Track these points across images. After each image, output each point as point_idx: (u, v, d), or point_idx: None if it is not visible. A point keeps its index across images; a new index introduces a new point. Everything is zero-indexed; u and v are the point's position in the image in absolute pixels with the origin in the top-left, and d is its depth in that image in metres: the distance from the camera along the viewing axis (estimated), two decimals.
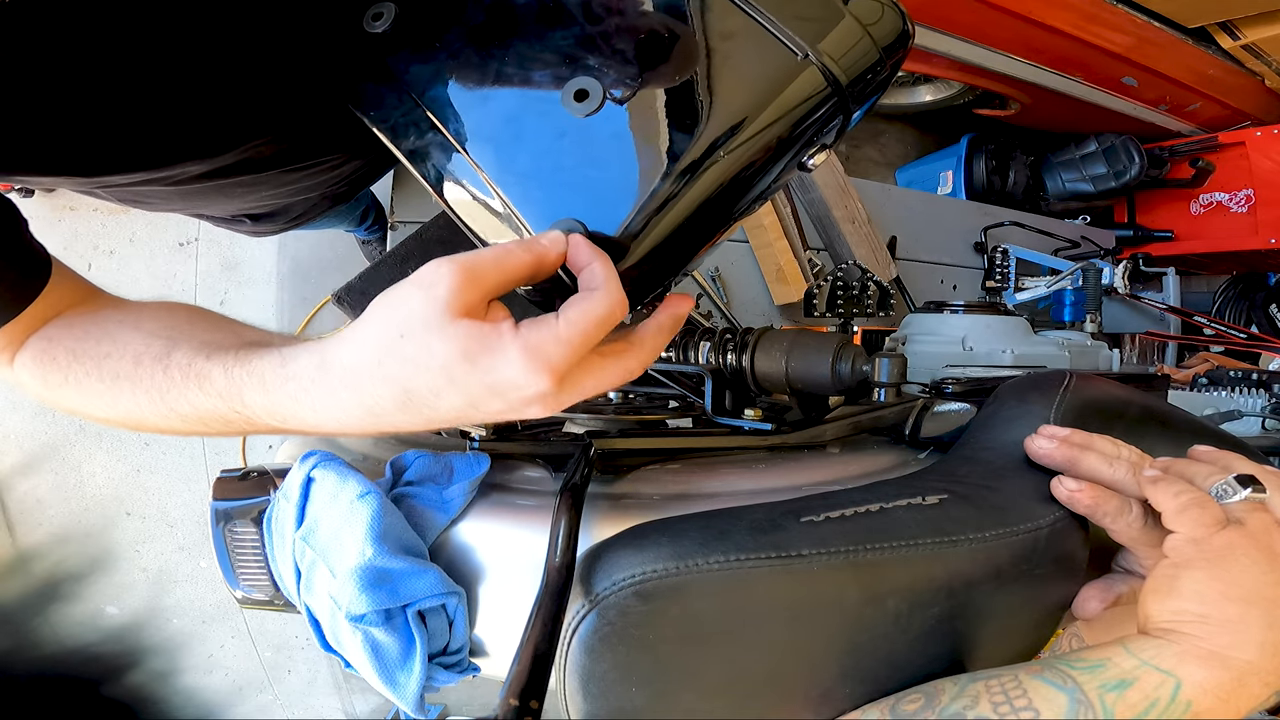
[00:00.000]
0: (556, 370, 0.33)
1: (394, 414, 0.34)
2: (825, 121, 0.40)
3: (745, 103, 0.37)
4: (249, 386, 0.37)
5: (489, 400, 0.33)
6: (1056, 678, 0.34)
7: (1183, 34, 1.79)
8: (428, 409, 0.34)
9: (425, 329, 0.32)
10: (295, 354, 0.36)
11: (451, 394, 0.33)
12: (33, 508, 1.79)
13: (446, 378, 0.32)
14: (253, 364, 0.37)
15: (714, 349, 0.58)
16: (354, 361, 0.34)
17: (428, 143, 0.41)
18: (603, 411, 0.57)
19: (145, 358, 0.40)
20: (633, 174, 0.37)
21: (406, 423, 0.35)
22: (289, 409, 0.36)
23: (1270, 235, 2.15)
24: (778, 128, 0.38)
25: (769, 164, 0.40)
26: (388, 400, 0.34)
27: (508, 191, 0.39)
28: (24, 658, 1.79)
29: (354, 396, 0.34)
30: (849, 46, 0.38)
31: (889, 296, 1.23)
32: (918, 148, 2.67)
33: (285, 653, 1.89)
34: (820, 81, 0.38)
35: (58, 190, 1.76)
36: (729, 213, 0.41)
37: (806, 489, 0.48)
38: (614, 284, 0.34)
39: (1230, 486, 0.37)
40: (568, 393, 0.34)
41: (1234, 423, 1.12)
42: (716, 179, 0.38)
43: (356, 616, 0.42)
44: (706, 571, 0.34)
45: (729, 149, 0.37)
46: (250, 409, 0.37)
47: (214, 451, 1.83)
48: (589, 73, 0.38)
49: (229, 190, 0.64)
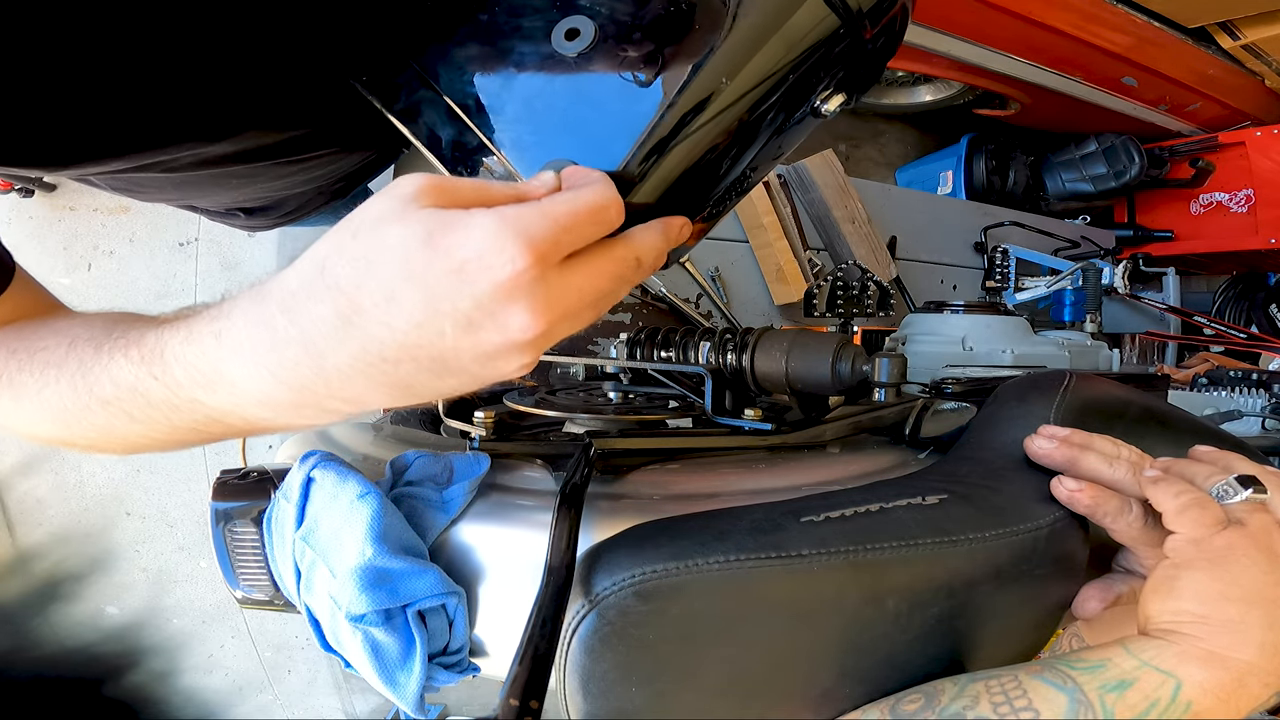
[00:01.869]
0: (535, 242, 0.27)
1: (336, 346, 0.27)
2: (837, 57, 0.38)
3: (747, 33, 0.35)
4: (175, 338, 0.31)
5: (455, 295, 0.26)
6: (1056, 678, 0.34)
7: (1183, 34, 1.79)
8: (378, 328, 0.27)
9: (380, 220, 0.27)
10: (236, 295, 0.30)
11: (408, 295, 0.26)
12: (33, 508, 1.79)
13: (403, 270, 0.26)
14: (191, 315, 0.31)
15: (714, 349, 0.58)
16: (295, 279, 0.28)
17: (418, 100, 0.40)
18: (603, 411, 0.57)
19: (81, 340, 0.35)
20: (630, 110, 0.35)
21: (351, 360, 0.28)
22: (211, 356, 0.30)
23: (1270, 235, 2.15)
24: (784, 56, 0.36)
25: (777, 99, 0.38)
26: (328, 322, 0.27)
27: (498, 140, 0.38)
28: (24, 658, 1.79)
29: (289, 323, 0.28)
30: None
31: (889, 296, 1.23)
32: (918, 148, 2.67)
33: (285, 653, 1.89)
34: (825, 9, 0.36)
35: (58, 190, 1.76)
36: (737, 154, 0.39)
37: (806, 489, 0.48)
38: (608, 182, 0.30)
39: (1231, 487, 0.37)
40: (557, 290, 0.28)
41: (1234, 423, 1.12)
42: (721, 115, 0.36)
43: (356, 616, 0.42)
44: (706, 571, 0.34)
45: (732, 80, 0.35)
46: (170, 368, 0.31)
47: (214, 451, 1.83)
48: (581, 11, 0.37)
49: (223, 181, 0.63)
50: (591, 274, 0.30)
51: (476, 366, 0.29)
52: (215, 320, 0.30)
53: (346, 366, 0.28)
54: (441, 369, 0.29)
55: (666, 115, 0.35)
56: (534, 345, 0.29)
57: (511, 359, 0.29)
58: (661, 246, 0.34)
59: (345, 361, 0.28)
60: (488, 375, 0.30)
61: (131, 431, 0.35)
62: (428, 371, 0.29)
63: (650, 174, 0.36)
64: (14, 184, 1.69)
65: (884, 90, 2.38)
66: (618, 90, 0.36)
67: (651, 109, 0.35)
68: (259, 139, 0.54)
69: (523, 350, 0.29)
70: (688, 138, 0.36)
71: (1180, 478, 0.38)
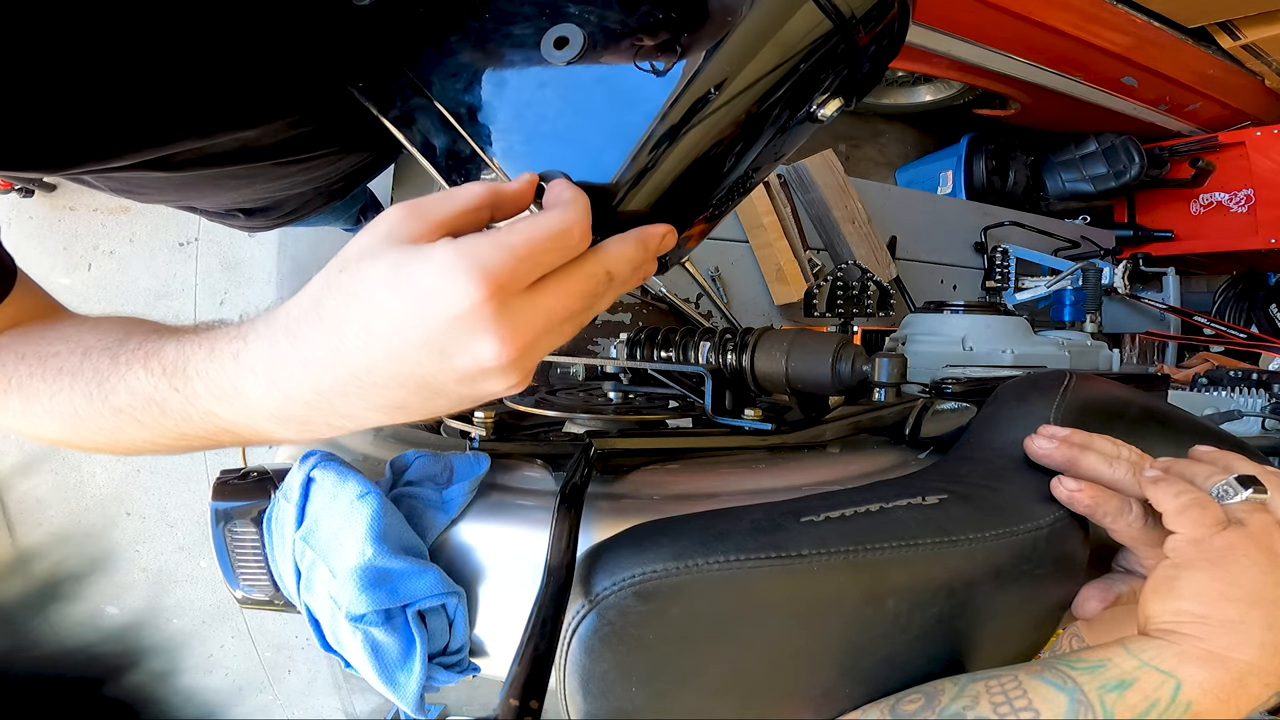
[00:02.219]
0: (491, 274, 0.27)
1: (330, 370, 0.30)
2: (832, 62, 0.38)
3: (740, 39, 0.35)
4: (197, 354, 0.33)
5: (421, 327, 0.28)
6: (1056, 678, 0.34)
7: (1183, 34, 1.79)
8: (361, 357, 0.29)
9: (360, 256, 0.29)
10: (255, 318, 0.33)
11: (381, 328, 0.29)
12: (33, 508, 1.79)
13: (374, 304, 0.29)
14: (211, 332, 0.34)
15: (714, 349, 0.58)
16: (297, 308, 0.31)
17: (413, 107, 0.40)
18: (603, 411, 0.57)
19: (95, 350, 0.36)
20: (622, 119, 0.35)
21: (344, 384, 0.30)
22: (230, 373, 0.32)
23: (1270, 235, 2.15)
24: (778, 62, 0.36)
25: (772, 104, 0.38)
26: (324, 347, 0.30)
27: (491, 149, 0.38)
28: (24, 657, 1.79)
29: (291, 348, 0.30)
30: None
31: (889, 296, 1.23)
32: (918, 148, 2.67)
33: (285, 653, 1.89)
34: (818, 15, 0.36)
35: (58, 190, 1.76)
36: (734, 160, 0.39)
37: (806, 489, 0.48)
38: (578, 204, 0.31)
39: (1231, 487, 0.37)
40: (523, 315, 0.29)
41: (1234, 423, 1.12)
42: (715, 121, 0.36)
43: (356, 616, 0.42)
44: (706, 571, 0.34)
45: (724, 89, 0.35)
46: (191, 382, 0.33)
47: (214, 452, 1.82)
48: (569, 19, 0.37)
49: (223, 182, 0.63)
50: (560, 294, 0.30)
51: (462, 389, 0.31)
52: (234, 340, 0.32)
53: (342, 388, 0.31)
54: (429, 392, 0.31)
55: (659, 125, 0.35)
56: (513, 367, 0.30)
57: (493, 381, 0.30)
58: (637, 258, 0.34)
59: (339, 385, 0.30)
60: (477, 395, 0.31)
61: (139, 437, 0.36)
62: (416, 395, 0.31)
63: (644, 181, 0.36)
64: (14, 184, 1.69)
65: (884, 90, 2.38)
66: (609, 99, 0.36)
67: (644, 117, 0.35)
68: (259, 138, 0.54)
69: (503, 373, 0.30)
70: (682, 145, 0.36)
71: (1180, 478, 0.38)
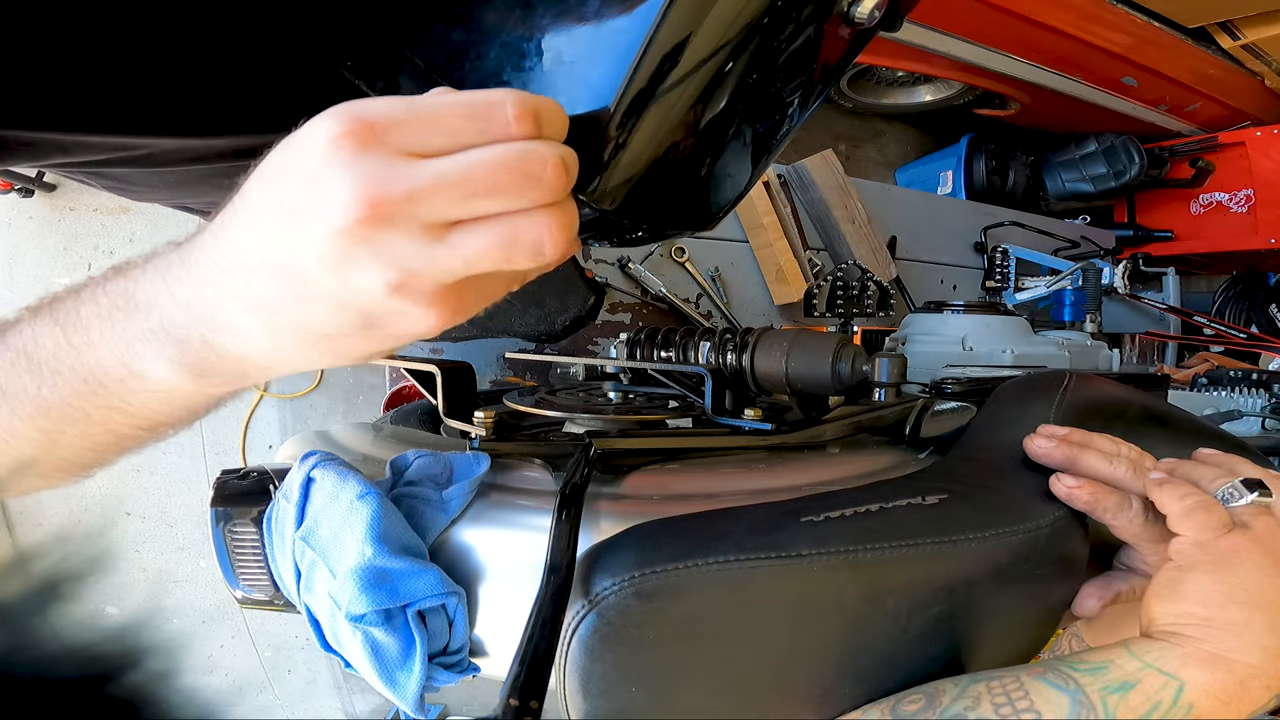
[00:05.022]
0: (360, 115, 0.25)
1: (213, 258, 0.28)
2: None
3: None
4: (117, 278, 0.32)
5: (274, 178, 0.26)
6: (1058, 679, 0.34)
7: (1183, 34, 1.79)
8: (229, 238, 0.28)
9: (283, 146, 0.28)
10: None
11: (253, 192, 0.28)
12: (33, 508, 1.79)
13: (258, 174, 0.28)
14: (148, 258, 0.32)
15: (714, 349, 0.58)
16: (230, 209, 0.29)
17: (403, 82, 0.39)
18: (603, 411, 0.57)
19: (10, 328, 0.36)
20: (614, 39, 0.31)
21: (218, 272, 0.28)
22: (153, 287, 0.31)
23: (1270, 235, 2.15)
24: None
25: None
26: (203, 245, 0.29)
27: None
28: (24, 657, 1.79)
29: (180, 255, 0.30)
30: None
31: (889, 296, 1.23)
32: (918, 148, 2.67)
33: (285, 653, 1.89)
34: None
35: (58, 190, 1.76)
36: (758, 82, 0.35)
37: (806, 489, 0.47)
38: (530, 95, 0.26)
39: (1236, 490, 0.37)
40: (397, 170, 0.25)
41: (1234, 423, 1.13)
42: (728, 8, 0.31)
43: (356, 616, 0.42)
44: (706, 571, 0.34)
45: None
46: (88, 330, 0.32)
47: (214, 452, 1.83)
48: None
49: (216, 181, 0.63)
50: (469, 166, 0.25)
51: (325, 277, 0.26)
52: (174, 251, 0.31)
53: (218, 292, 0.29)
54: (299, 285, 0.27)
55: (660, 34, 0.30)
56: (371, 239, 0.25)
57: (358, 271, 0.25)
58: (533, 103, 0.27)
59: (215, 283, 0.29)
60: (346, 296, 0.27)
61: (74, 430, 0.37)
62: (288, 292, 0.27)
63: (646, 110, 0.32)
64: (14, 184, 1.69)
65: (884, 90, 2.38)
66: (600, 34, 0.32)
67: (637, 39, 0.30)
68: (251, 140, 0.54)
69: (360, 243, 0.25)
70: (697, 42, 0.31)
71: (1185, 480, 0.38)
